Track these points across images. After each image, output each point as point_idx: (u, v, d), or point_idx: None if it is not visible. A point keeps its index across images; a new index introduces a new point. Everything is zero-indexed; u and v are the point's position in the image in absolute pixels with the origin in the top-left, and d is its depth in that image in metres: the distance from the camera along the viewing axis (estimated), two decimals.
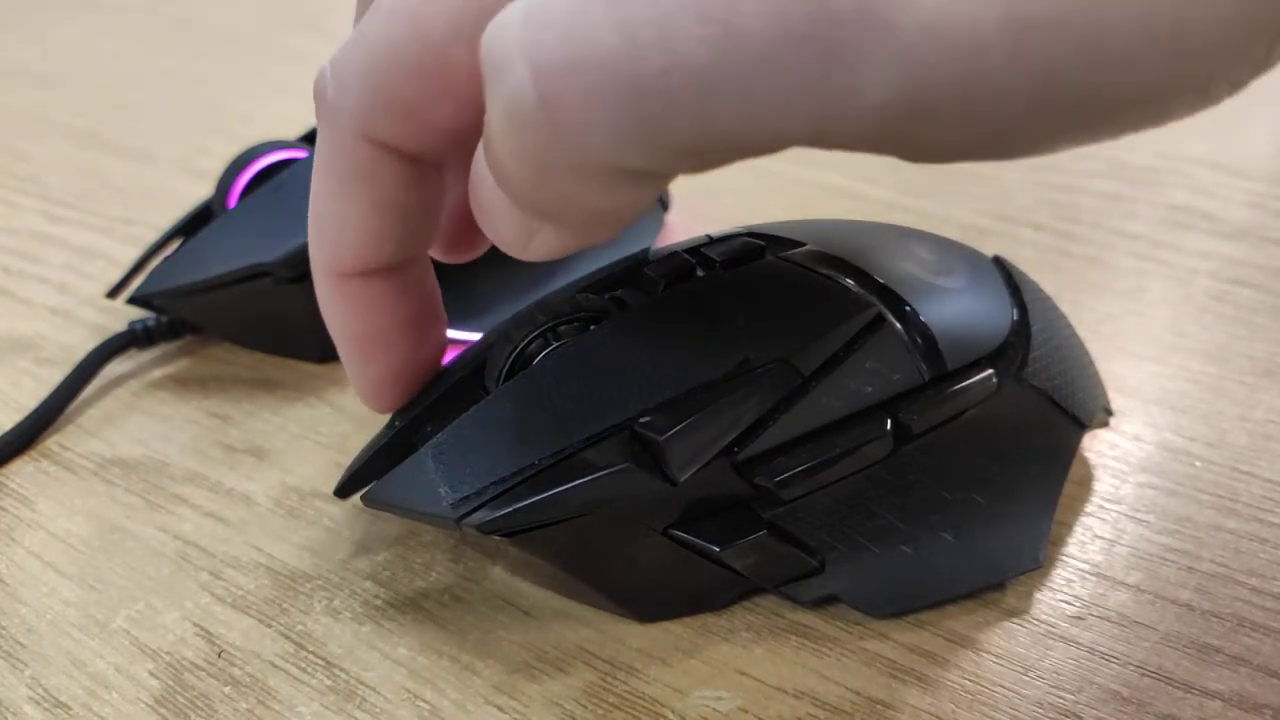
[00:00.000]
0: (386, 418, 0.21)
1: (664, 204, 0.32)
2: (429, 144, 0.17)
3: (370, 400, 0.21)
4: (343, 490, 0.21)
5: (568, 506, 0.18)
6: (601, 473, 0.18)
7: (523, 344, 0.20)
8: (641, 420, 0.18)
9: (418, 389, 0.21)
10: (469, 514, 0.18)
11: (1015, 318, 0.21)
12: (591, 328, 0.19)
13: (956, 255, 0.22)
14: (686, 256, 0.21)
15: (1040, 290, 0.23)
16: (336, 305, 0.19)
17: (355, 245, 0.18)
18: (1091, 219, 0.26)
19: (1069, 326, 0.23)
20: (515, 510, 0.18)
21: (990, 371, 0.20)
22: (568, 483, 0.18)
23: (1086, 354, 0.23)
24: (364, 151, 0.17)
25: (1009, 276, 0.23)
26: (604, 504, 0.18)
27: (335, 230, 0.18)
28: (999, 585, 0.21)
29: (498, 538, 0.19)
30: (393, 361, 0.20)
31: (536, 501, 0.18)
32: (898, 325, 0.19)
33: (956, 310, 0.20)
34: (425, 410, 0.21)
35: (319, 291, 0.19)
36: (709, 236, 0.22)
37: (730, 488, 0.19)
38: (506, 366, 0.20)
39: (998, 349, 0.20)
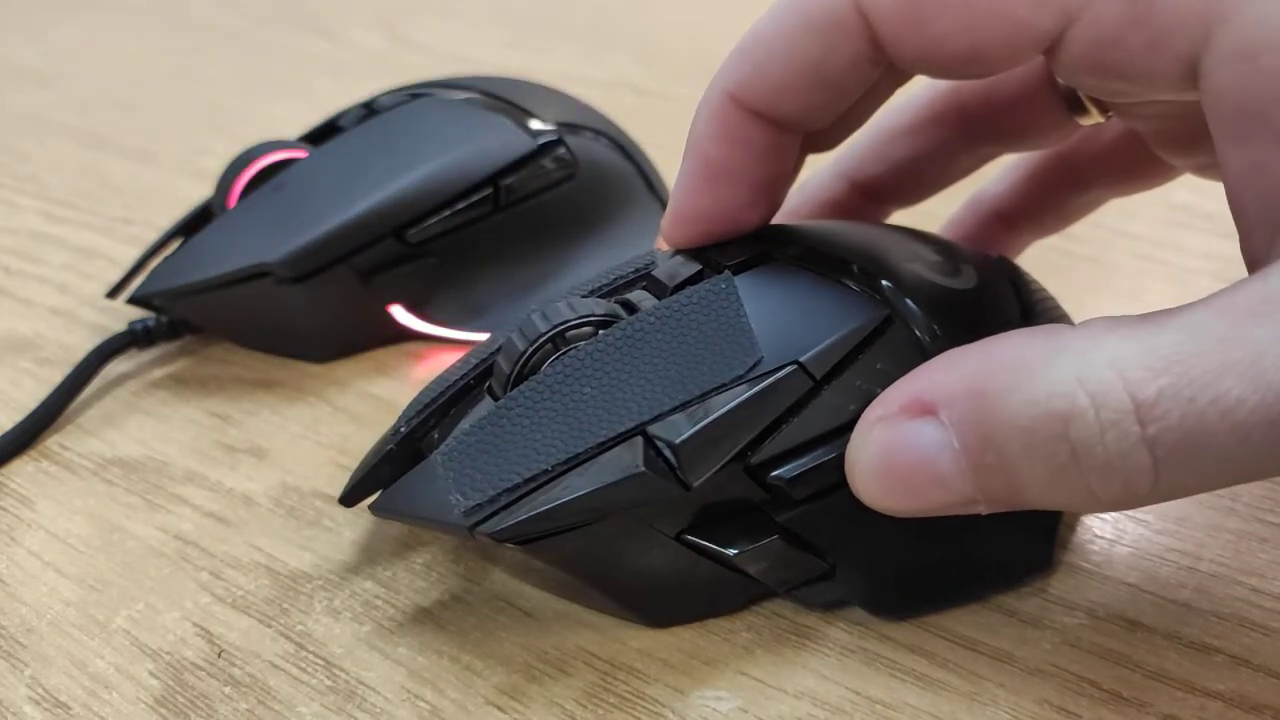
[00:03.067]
0: (391, 420, 0.21)
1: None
2: (943, 64, 0.18)
3: (670, 228, 0.21)
4: (349, 498, 0.21)
5: (581, 512, 0.18)
6: (615, 478, 0.18)
7: (531, 350, 0.20)
8: (654, 425, 0.18)
9: (712, 241, 0.21)
10: (482, 522, 0.18)
11: (1021, 318, 0.21)
12: (600, 332, 0.19)
13: (962, 256, 0.22)
14: (694, 259, 0.21)
15: (1044, 290, 0.23)
16: (712, 125, 0.20)
17: (773, 81, 0.19)
18: (1092, 219, 0.26)
19: None
20: (529, 517, 0.18)
21: None
22: (581, 489, 0.18)
23: None
24: (846, 21, 0.18)
25: (1013, 277, 0.23)
26: (617, 509, 0.18)
27: (765, 58, 0.19)
28: (1006, 587, 0.20)
29: (510, 545, 0.18)
30: (719, 201, 0.20)
31: (550, 508, 0.18)
32: (908, 326, 0.19)
33: (964, 311, 0.20)
34: (431, 416, 0.21)
35: (705, 102, 0.20)
36: None
37: (743, 492, 0.19)
38: (515, 372, 0.20)
39: None
